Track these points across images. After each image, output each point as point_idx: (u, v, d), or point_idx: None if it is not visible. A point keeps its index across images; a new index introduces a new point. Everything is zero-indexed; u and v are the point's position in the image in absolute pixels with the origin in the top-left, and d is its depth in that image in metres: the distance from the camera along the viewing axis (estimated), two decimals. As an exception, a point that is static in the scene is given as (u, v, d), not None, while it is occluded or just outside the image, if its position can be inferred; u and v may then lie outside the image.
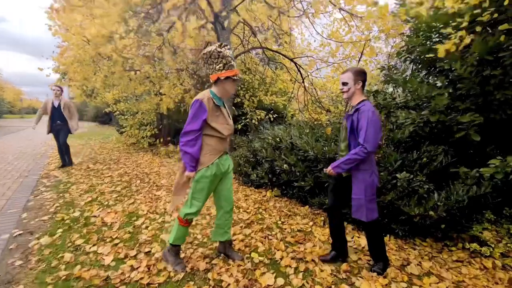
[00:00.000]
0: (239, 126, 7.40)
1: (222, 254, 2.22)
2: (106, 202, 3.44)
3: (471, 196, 2.44)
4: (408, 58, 4.46)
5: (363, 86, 2.06)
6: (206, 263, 2.10)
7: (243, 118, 7.64)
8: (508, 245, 2.52)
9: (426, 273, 2.13)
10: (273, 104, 8.14)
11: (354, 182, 2.02)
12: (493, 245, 2.52)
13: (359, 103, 2.02)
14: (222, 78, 1.90)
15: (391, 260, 2.28)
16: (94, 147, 9.23)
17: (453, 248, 2.63)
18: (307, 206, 3.65)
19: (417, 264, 2.26)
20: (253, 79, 7.94)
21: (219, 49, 1.87)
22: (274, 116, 7.51)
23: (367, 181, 1.98)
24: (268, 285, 1.86)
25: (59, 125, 5.47)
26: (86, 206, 3.26)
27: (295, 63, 5.94)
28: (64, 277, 1.84)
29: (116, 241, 2.41)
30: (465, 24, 2.66)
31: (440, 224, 2.67)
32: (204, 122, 1.88)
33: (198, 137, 1.88)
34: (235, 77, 1.94)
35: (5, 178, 4.64)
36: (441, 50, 2.69)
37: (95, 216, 2.95)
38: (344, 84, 2.04)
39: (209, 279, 1.88)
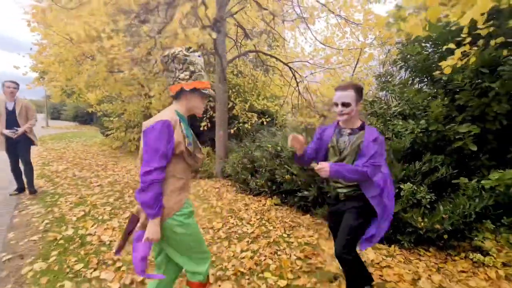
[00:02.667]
0: (232, 130, 7.29)
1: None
2: (100, 217, 3.24)
3: (478, 212, 2.50)
4: (404, 66, 4.55)
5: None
6: (219, 286, 2.02)
7: (235, 121, 7.55)
8: (509, 254, 2.61)
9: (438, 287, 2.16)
10: (265, 108, 8.09)
11: (355, 212, 1.76)
12: (494, 255, 2.60)
13: (362, 127, 1.73)
14: (187, 89, 1.38)
15: (403, 275, 2.29)
16: (77, 151, 8.80)
17: (457, 258, 2.69)
18: (309, 215, 3.64)
19: (428, 277, 2.29)
20: (244, 83, 7.85)
21: (186, 53, 1.38)
22: (267, 120, 7.47)
23: None
24: (287, 310, 1.80)
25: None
26: (79, 222, 3.06)
27: (290, 68, 5.91)
28: (68, 311, 1.70)
29: (119, 263, 2.26)
30: (468, 39, 2.72)
31: (443, 234, 2.73)
32: (172, 153, 1.32)
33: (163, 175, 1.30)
34: (204, 91, 1.40)
35: (-18, 189, 4.30)
36: (447, 68, 2.73)
37: (90, 234, 2.77)
38: (346, 105, 1.63)
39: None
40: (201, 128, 7.21)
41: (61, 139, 11.85)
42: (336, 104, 1.67)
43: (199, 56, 1.43)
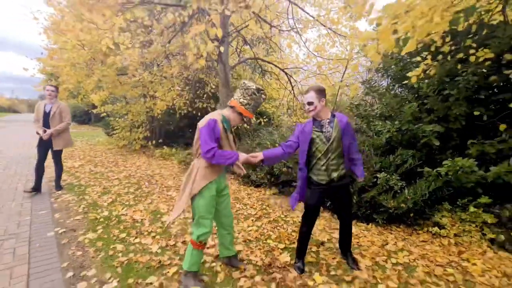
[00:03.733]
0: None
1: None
2: (127, 202, 3.83)
3: (431, 191, 3.18)
4: (385, 74, 5.25)
5: (325, 102, 2.20)
6: (233, 248, 2.63)
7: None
8: (460, 227, 3.28)
9: (400, 249, 2.81)
10: (263, 109, 8.72)
11: (347, 188, 2.38)
12: (448, 228, 3.28)
13: (333, 115, 2.22)
14: (237, 110, 1.99)
15: (374, 242, 2.95)
16: (84, 149, 9.29)
17: (420, 232, 3.36)
18: (302, 203, 4.27)
19: (393, 244, 2.94)
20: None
21: (256, 92, 1.99)
22: (265, 120, 8.10)
23: None
24: (285, 262, 2.43)
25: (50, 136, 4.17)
26: (110, 206, 3.65)
27: (286, 73, 6.55)
28: (125, 261, 2.30)
29: (153, 234, 2.87)
30: (429, 57, 3.40)
31: (410, 213, 3.40)
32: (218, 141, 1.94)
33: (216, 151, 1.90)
34: (245, 118, 2.03)
35: (13, 182, 4.83)
36: (413, 78, 3.40)
37: (123, 215, 3.36)
38: (310, 103, 2.13)
39: (241, 260, 2.42)
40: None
41: (65, 139, 12.27)
42: (304, 105, 2.23)
43: (263, 98, 2.06)
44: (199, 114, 8.95)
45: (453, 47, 3.71)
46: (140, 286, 2.00)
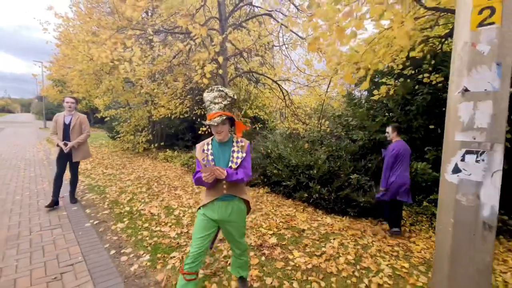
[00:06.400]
0: (230, 134, 8.65)
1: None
2: (143, 200, 4.56)
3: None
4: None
5: (398, 133, 3.67)
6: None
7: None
8: (414, 218, 4.09)
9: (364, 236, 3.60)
10: (257, 115, 9.49)
11: None
12: (405, 219, 4.08)
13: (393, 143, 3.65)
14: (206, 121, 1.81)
15: (344, 228, 3.73)
16: (90, 152, 9.92)
17: (384, 223, 4.16)
18: (290, 199, 5.05)
19: (361, 232, 3.73)
20: (239, 94, 9.24)
21: (205, 94, 1.86)
22: (260, 126, 8.86)
23: None
24: (273, 243, 3.19)
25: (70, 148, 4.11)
26: (130, 203, 4.37)
27: (279, 85, 7.32)
28: (152, 243, 3.04)
29: (169, 224, 3.61)
30: (391, 81, 4.21)
31: (376, 207, 4.20)
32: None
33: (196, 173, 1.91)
34: (208, 122, 1.78)
35: (37, 183, 5.51)
36: (376, 96, 4.21)
37: (143, 210, 4.09)
38: (387, 132, 3.76)
39: (239, 241, 3.17)
40: (200, 132, 8.58)
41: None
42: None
43: (208, 92, 1.85)
44: (198, 119, 9.68)
45: (412, 71, 4.55)
46: (167, 258, 2.75)
